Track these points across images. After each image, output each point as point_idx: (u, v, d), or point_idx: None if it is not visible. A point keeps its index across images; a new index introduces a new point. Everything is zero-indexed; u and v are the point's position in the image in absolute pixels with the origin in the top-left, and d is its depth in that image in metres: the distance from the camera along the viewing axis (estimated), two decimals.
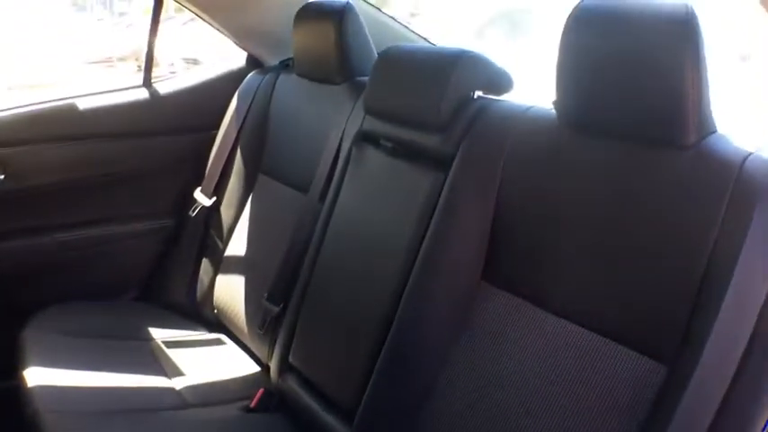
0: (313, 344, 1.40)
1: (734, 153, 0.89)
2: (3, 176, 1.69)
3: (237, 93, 1.85)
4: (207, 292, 1.77)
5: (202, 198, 1.84)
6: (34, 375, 1.37)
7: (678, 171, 0.91)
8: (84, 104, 1.78)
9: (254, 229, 1.72)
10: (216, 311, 1.75)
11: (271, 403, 1.44)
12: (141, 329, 1.69)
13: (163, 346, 1.63)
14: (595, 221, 0.99)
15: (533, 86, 1.34)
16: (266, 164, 1.76)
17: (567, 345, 0.99)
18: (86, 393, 1.36)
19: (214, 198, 1.82)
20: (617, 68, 0.93)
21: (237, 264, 1.72)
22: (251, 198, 1.76)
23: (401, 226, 1.24)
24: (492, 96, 1.27)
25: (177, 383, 1.48)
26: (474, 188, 1.14)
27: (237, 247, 1.73)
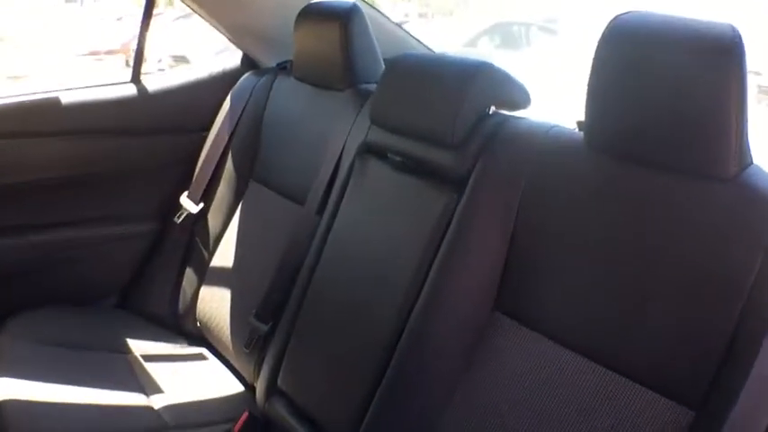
0: (304, 369, 1.32)
1: None
2: None
3: (231, 94, 1.78)
4: (190, 304, 1.70)
5: (189, 204, 1.75)
6: (5, 388, 1.30)
7: (717, 206, 0.87)
8: (67, 99, 1.71)
9: (243, 240, 1.64)
10: (198, 325, 1.69)
11: (256, 428, 1.37)
12: (119, 340, 1.63)
13: (141, 360, 1.56)
14: (624, 257, 0.93)
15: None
16: (259, 171, 1.68)
17: (586, 384, 0.95)
18: (60, 412, 1.30)
19: (201, 204, 1.74)
20: (656, 91, 0.88)
21: (223, 276, 1.65)
22: (241, 206, 1.69)
23: (408, 247, 1.17)
24: (507, 112, 1.22)
25: (156, 402, 1.41)
26: (490, 211, 1.08)
27: (224, 258, 1.66)
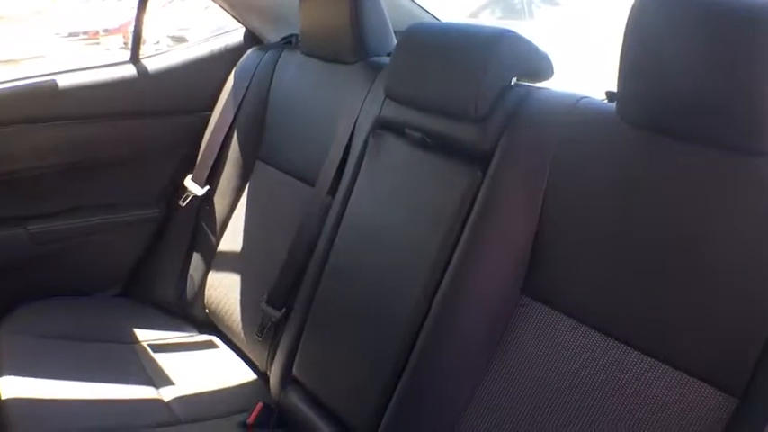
0: (321, 358, 1.27)
1: None
2: None
3: (234, 71, 1.73)
4: (198, 290, 1.65)
5: (194, 187, 1.70)
6: (8, 386, 1.26)
7: (760, 182, 0.81)
8: (62, 82, 1.64)
9: (251, 223, 1.59)
10: (207, 311, 1.63)
11: (270, 419, 1.32)
12: (126, 330, 1.58)
13: (149, 350, 1.52)
14: (663, 238, 0.88)
15: None
16: (265, 150, 1.62)
17: (625, 371, 0.89)
18: (66, 408, 1.26)
19: (207, 187, 1.69)
20: (695, 60, 0.82)
21: (232, 260, 1.60)
22: (248, 188, 1.63)
23: (429, 230, 1.10)
24: (530, 84, 1.15)
25: (166, 395, 1.37)
26: (516, 189, 1.02)
27: (232, 242, 1.61)
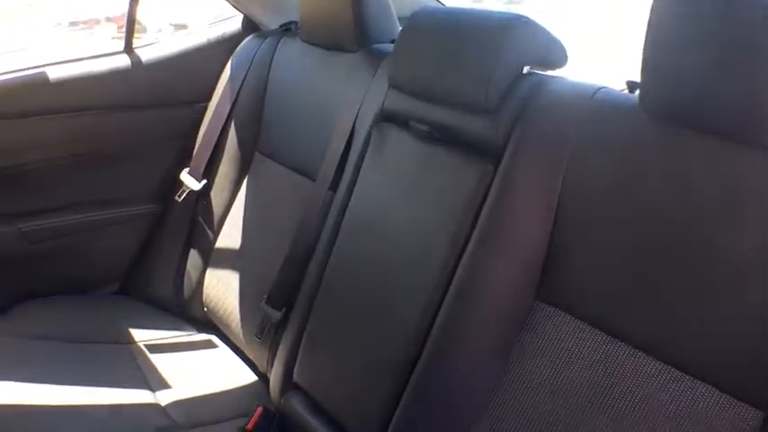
0: (322, 363, 1.22)
1: None
2: None
3: (232, 60, 1.68)
4: (195, 288, 1.61)
5: (190, 181, 1.66)
6: None
7: None
8: (54, 74, 1.58)
9: (249, 218, 1.54)
10: (206, 310, 1.59)
11: (270, 425, 1.28)
12: (121, 329, 1.54)
13: (146, 351, 1.48)
14: (686, 243, 0.83)
15: None
16: (264, 143, 1.57)
17: (645, 382, 0.85)
18: (58, 416, 1.21)
19: (204, 181, 1.64)
20: (726, 50, 0.76)
21: (231, 257, 1.55)
22: (246, 182, 1.58)
23: (437, 228, 1.05)
24: (542, 72, 1.09)
25: (163, 398, 1.32)
26: (531, 184, 0.96)
27: (230, 238, 1.56)
